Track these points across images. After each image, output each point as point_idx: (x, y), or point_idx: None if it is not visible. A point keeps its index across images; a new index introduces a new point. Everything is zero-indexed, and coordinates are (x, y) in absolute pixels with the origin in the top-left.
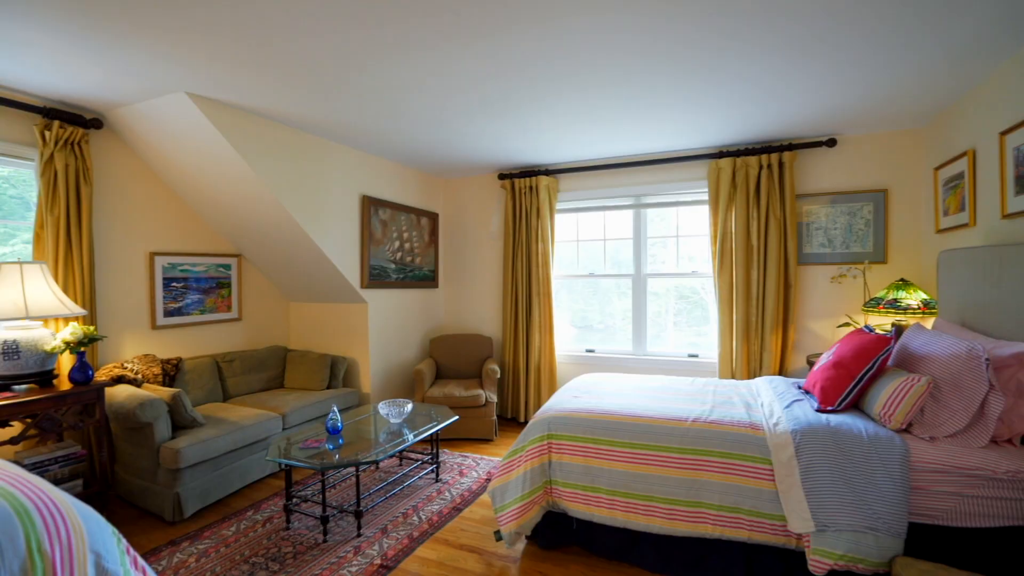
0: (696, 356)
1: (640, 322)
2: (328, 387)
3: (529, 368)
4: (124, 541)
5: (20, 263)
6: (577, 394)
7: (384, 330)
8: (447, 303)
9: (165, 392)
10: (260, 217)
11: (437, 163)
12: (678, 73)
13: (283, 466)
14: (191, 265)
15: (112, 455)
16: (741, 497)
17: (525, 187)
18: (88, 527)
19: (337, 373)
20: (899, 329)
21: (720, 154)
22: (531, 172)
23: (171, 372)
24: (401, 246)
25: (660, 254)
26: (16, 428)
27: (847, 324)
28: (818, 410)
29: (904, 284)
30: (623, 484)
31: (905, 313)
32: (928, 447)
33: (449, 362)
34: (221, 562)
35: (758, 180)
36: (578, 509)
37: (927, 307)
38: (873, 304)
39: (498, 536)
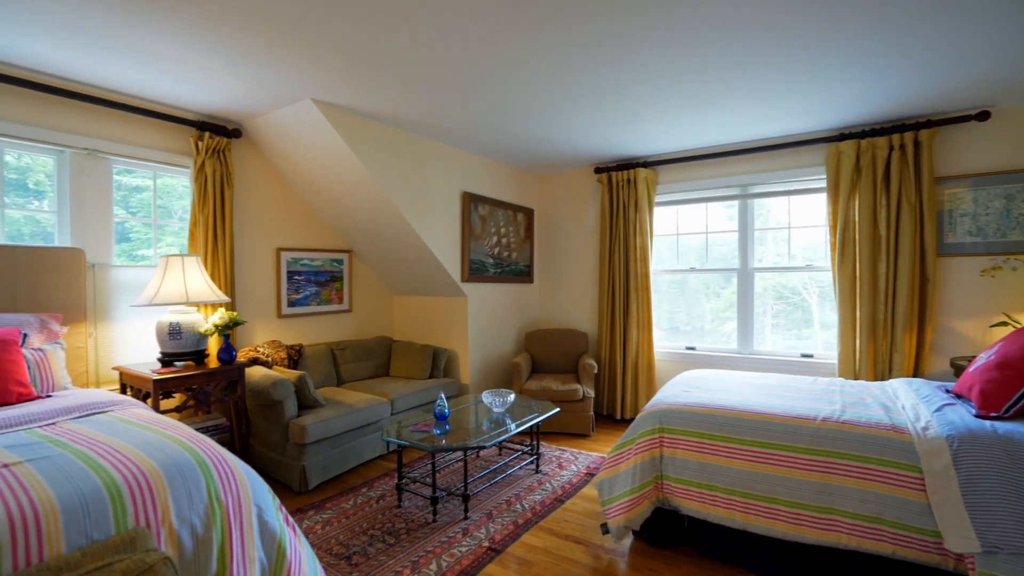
0: (810, 356)
1: (746, 319)
2: (430, 376)
3: (626, 364)
4: (277, 499)
5: (182, 256)
6: (687, 388)
7: (482, 323)
8: (541, 298)
9: (292, 374)
10: (371, 214)
11: (533, 159)
12: (798, 49)
13: (397, 446)
14: (310, 260)
15: (248, 429)
16: (882, 506)
17: (622, 180)
18: (252, 483)
19: (439, 363)
20: None
21: (841, 136)
22: (629, 165)
23: (294, 357)
24: (499, 241)
25: (759, 249)
26: (177, 400)
27: (1005, 323)
28: (977, 415)
29: None
30: (742, 483)
31: None
32: None
33: (544, 356)
34: (343, 531)
35: (887, 163)
36: (691, 507)
37: None
38: None
39: (605, 529)
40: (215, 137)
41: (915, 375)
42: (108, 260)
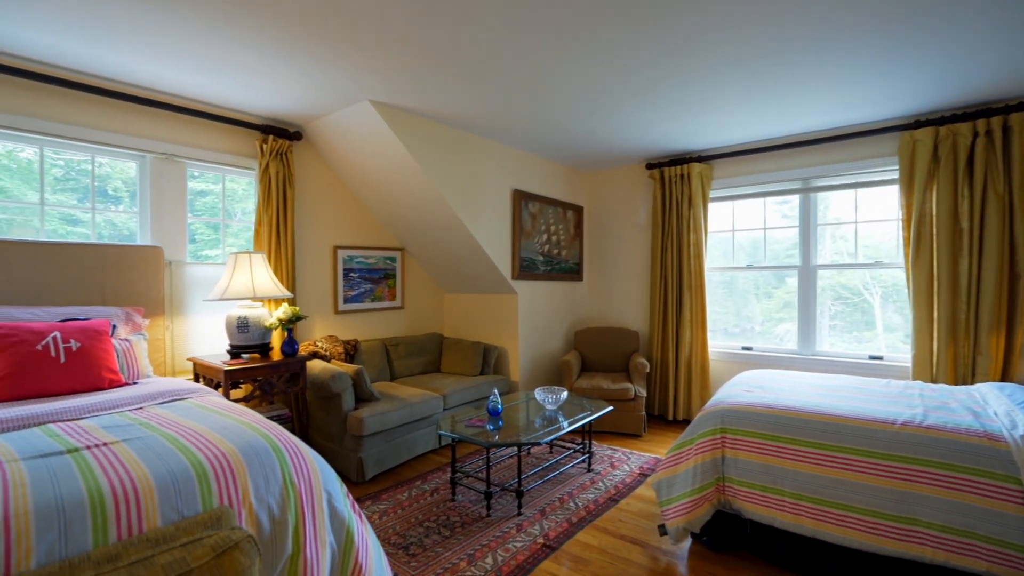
0: (879, 358)
1: (808, 319)
2: (480, 373)
3: (679, 364)
4: (344, 486)
5: (249, 253)
6: (749, 388)
7: (532, 321)
8: (591, 296)
9: (350, 368)
10: (424, 211)
11: (582, 156)
12: (876, 28)
13: (451, 440)
14: (364, 257)
15: (308, 420)
16: (975, 520)
17: (675, 175)
18: (322, 470)
19: (489, 360)
20: None
21: (916, 123)
22: (682, 159)
23: (350, 352)
24: (548, 239)
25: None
26: (244, 390)
27: None
28: None
29: None
30: (811, 488)
31: None
32: None
33: (594, 355)
34: (399, 522)
35: (971, 151)
36: (755, 511)
37: None
38: None
39: (662, 531)
40: (278, 140)
41: (1003, 380)
42: (182, 258)
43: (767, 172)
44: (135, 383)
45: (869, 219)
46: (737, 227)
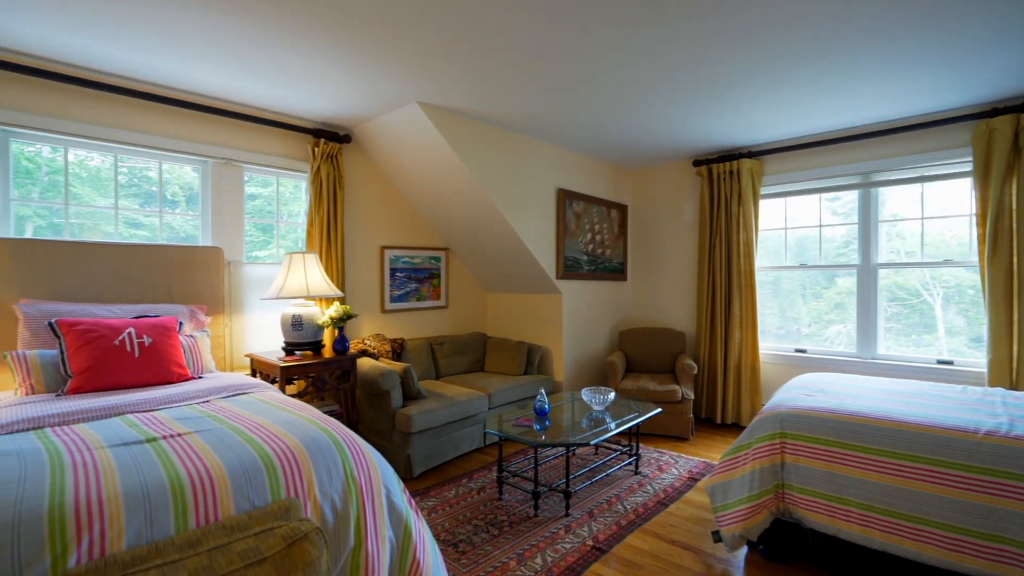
0: (949, 363)
1: (868, 321)
2: (524, 373)
3: (727, 366)
4: (401, 483)
5: (303, 253)
6: (809, 392)
7: (576, 321)
8: (635, 296)
9: (398, 366)
10: (469, 211)
11: (627, 154)
12: (947, 12)
13: (498, 439)
14: (410, 257)
15: (358, 416)
16: None
17: (724, 172)
18: (380, 465)
19: (533, 360)
20: None
21: (993, 111)
22: (731, 156)
23: (397, 350)
24: (593, 238)
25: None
26: (297, 386)
27: None
28: None
29: None
30: (881, 499)
31: None
32: None
33: (639, 355)
34: (447, 519)
35: None
36: (818, 520)
37: None
38: None
39: (717, 537)
40: (329, 143)
41: None
42: (240, 258)
43: (823, 167)
44: (200, 377)
45: (936, 215)
46: (784, 225)
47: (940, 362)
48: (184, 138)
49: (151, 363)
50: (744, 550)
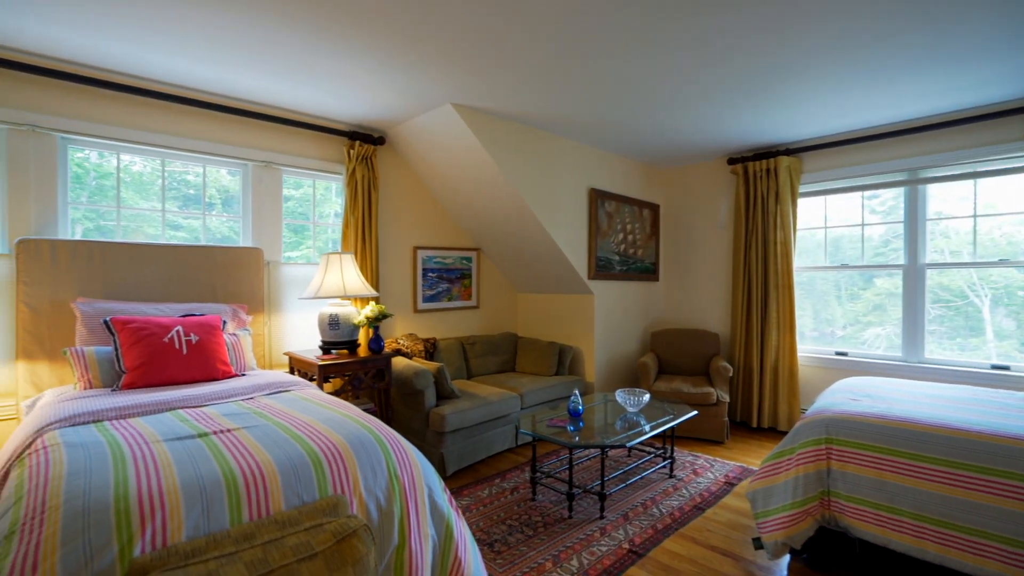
0: (1005, 368)
1: (914, 323)
2: (556, 373)
3: (764, 369)
4: (442, 482)
5: (340, 254)
6: (855, 396)
7: (608, 321)
8: (667, 296)
9: (432, 365)
10: (501, 212)
11: (660, 153)
12: None
13: (531, 440)
14: (441, 258)
15: (392, 415)
16: None
17: (760, 170)
18: (422, 464)
19: (564, 360)
20: None
21: None
22: (768, 153)
23: (430, 349)
24: (625, 238)
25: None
26: (333, 384)
27: None
28: None
29: None
30: (936, 510)
31: None
32: None
33: (671, 357)
34: (482, 519)
35: None
36: (866, 530)
37: None
38: None
39: (758, 544)
40: (364, 145)
41: None
42: (278, 258)
43: (866, 164)
44: (243, 375)
45: (991, 212)
46: (823, 224)
47: (995, 367)
48: (227, 142)
49: (198, 360)
50: (787, 558)
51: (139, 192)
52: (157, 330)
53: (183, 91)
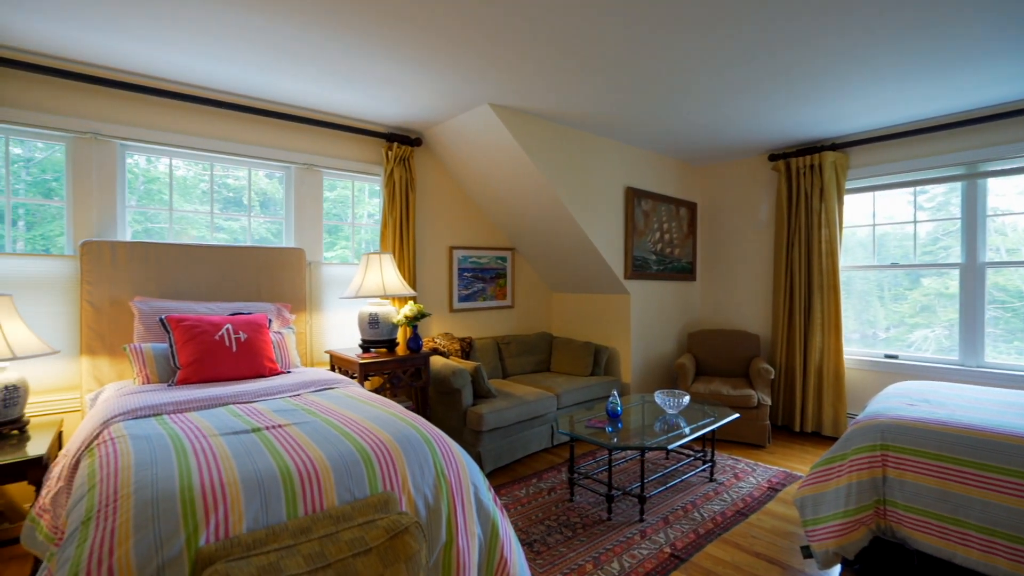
0: None
1: (973, 325)
2: (591, 374)
3: (807, 371)
4: (487, 481)
5: (379, 254)
6: (912, 402)
7: (644, 321)
8: (704, 296)
9: (469, 364)
10: (537, 211)
11: (698, 150)
12: None
13: (569, 440)
14: (477, 257)
15: (429, 413)
16: None
17: (804, 166)
18: (468, 463)
19: (599, 361)
20: None
21: None
22: (812, 148)
23: (466, 349)
24: (661, 237)
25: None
26: (372, 382)
27: None
28: None
29: None
30: (1007, 523)
31: None
32: None
33: (709, 358)
34: (520, 519)
35: None
36: (928, 542)
37: None
38: None
39: (807, 553)
40: (401, 146)
41: None
42: (319, 258)
43: (919, 158)
44: (289, 372)
45: None
46: (871, 221)
47: None
48: (271, 145)
49: (247, 357)
50: (838, 568)
51: (182, 195)
52: (209, 328)
53: (231, 97)
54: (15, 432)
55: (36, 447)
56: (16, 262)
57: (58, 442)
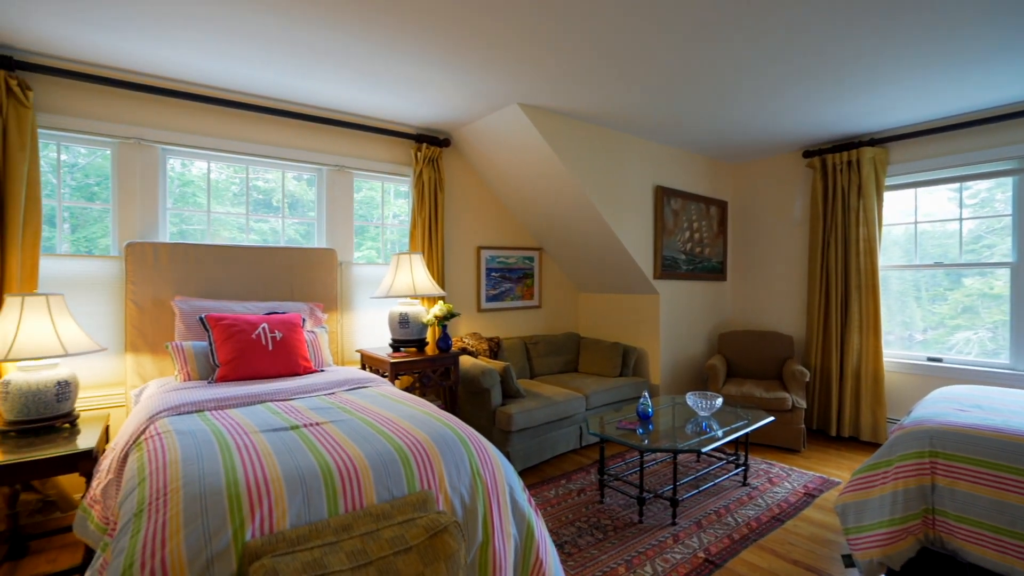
0: None
1: None
2: (620, 375)
3: (844, 374)
4: (522, 481)
5: (410, 254)
6: (962, 407)
7: (673, 322)
8: (735, 296)
9: (498, 364)
10: (565, 211)
11: (729, 147)
12: None
13: (599, 441)
14: (504, 257)
15: (458, 413)
16: None
17: (840, 163)
18: (503, 464)
19: (628, 362)
20: None
21: None
22: (848, 144)
23: (494, 349)
24: (691, 236)
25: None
26: (402, 381)
27: None
28: None
29: None
30: None
31: None
32: None
33: (740, 360)
34: (550, 520)
35: None
36: (983, 555)
37: None
38: None
39: (848, 562)
40: (430, 147)
41: None
42: (350, 259)
43: (966, 152)
44: (322, 371)
45: None
46: (914, 219)
47: None
48: (304, 147)
49: (282, 356)
50: None
51: (215, 197)
52: (246, 327)
53: (267, 101)
54: (66, 426)
55: (86, 440)
56: (66, 263)
57: (105, 436)
